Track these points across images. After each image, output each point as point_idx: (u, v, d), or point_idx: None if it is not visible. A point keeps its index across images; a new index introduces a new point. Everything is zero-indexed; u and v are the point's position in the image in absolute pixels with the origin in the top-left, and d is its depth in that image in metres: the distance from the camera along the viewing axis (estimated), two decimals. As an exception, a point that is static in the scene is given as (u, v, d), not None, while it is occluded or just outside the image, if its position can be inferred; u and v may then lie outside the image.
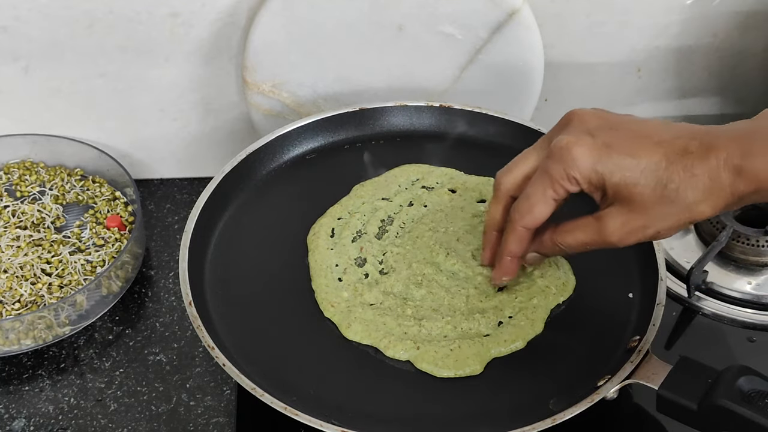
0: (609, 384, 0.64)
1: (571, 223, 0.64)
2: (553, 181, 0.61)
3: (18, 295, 0.79)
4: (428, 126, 0.89)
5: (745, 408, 0.59)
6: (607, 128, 0.60)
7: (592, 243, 0.63)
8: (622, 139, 0.59)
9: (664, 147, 0.58)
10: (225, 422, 0.73)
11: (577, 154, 0.59)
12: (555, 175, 0.60)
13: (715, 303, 0.81)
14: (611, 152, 0.59)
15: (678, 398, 0.62)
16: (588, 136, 0.60)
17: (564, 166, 0.60)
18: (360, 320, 0.71)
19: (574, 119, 0.62)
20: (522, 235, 0.65)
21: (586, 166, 0.59)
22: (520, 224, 0.64)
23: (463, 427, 0.65)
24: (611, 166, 0.59)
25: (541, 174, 0.62)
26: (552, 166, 0.61)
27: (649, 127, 0.60)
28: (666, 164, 0.58)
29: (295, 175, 0.85)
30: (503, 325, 0.71)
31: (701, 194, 0.58)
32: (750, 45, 0.98)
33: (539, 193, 0.62)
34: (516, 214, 0.64)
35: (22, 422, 0.73)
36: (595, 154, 0.59)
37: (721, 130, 0.59)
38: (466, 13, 0.87)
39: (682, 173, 0.57)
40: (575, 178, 0.60)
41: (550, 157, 0.61)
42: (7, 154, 0.92)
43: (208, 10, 0.86)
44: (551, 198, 0.62)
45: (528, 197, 0.63)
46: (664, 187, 0.58)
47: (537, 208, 0.62)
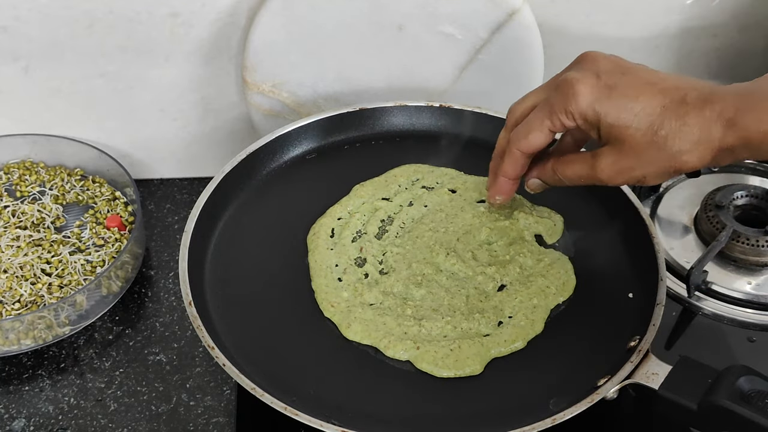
0: (609, 384, 0.64)
1: (571, 155, 0.67)
2: (552, 113, 0.64)
3: (18, 295, 0.79)
4: (428, 126, 0.89)
5: (745, 408, 0.59)
6: (616, 72, 0.63)
7: (586, 177, 0.65)
8: (627, 83, 0.62)
9: (664, 94, 0.60)
10: (225, 422, 0.73)
11: (579, 90, 0.62)
12: (555, 107, 0.63)
13: (715, 303, 0.81)
14: (612, 93, 0.61)
15: (678, 398, 0.62)
16: (594, 76, 0.62)
17: (564, 100, 0.63)
18: (360, 320, 0.71)
19: (587, 59, 0.65)
20: (516, 157, 0.68)
21: (584, 104, 0.62)
22: (516, 146, 0.67)
23: (463, 427, 0.65)
24: (608, 107, 0.61)
25: (543, 104, 0.65)
26: (554, 99, 0.64)
27: (657, 76, 0.62)
28: (661, 111, 0.60)
29: (295, 175, 0.85)
30: (503, 325, 0.71)
31: (689, 144, 0.60)
32: (750, 45, 0.98)
33: (537, 121, 0.65)
34: (514, 137, 0.67)
35: (22, 422, 0.73)
36: (595, 93, 0.62)
37: (723, 87, 0.61)
38: (466, 13, 0.87)
39: (674, 122, 0.60)
40: (572, 113, 0.63)
41: (555, 90, 0.64)
42: (7, 154, 0.92)
43: (208, 10, 0.86)
44: (547, 128, 0.65)
45: (527, 123, 0.66)
46: (654, 133, 0.60)
47: (533, 135, 0.66)
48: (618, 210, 0.78)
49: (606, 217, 0.79)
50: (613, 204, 0.79)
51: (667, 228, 0.87)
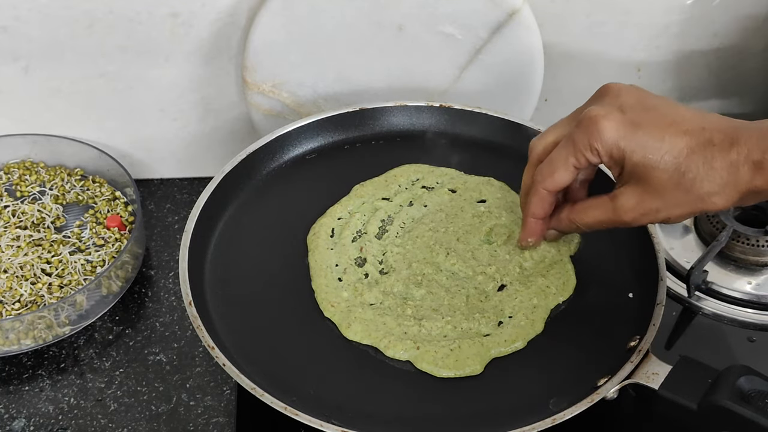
0: (609, 384, 0.64)
1: (587, 201, 0.67)
2: (576, 150, 0.63)
3: (18, 295, 0.79)
4: (428, 126, 0.89)
5: (745, 408, 0.59)
6: (639, 108, 0.62)
7: (607, 221, 0.65)
8: (651, 120, 0.61)
9: (690, 136, 0.60)
10: (225, 422, 0.73)
11: (604, 127, 0.61)
12: (579, 143, 0.62)
13: (715, 303, 0.81)
14: (637, 131, 0.60)
15: (678, 398, 0.62)
16: (618, 112, 0.61)
17: (589, 137, 0.62)
18: (360, 320, 0.71)
19: (610, 93, 0.64)
20: (543, 196, 0.67)
21: (609, 140, 0.61)
22: (541, 186, 0.66)
23: (463, 427, 0.65)
24: (634, 145, 0.60)
25: (567, 141, 0.64)
26: (577, 135, 0.63)
27: (681, 114, 0.62)
28: (687, 153, 0.59)
29: (295, 175, 0.85)
30: (503, 325, 0.71)
31: (717, 187, 0.59)
32: (750, 45, 0.98)
33: (562, 158, 0.64)
34: (539, 176, 0.66)
35: (22, 422, 0.73)
36: (621, 129, 0.61)
37: (748, 126, 0.60)
38: (466, 13, 0.87)
39: (701, 164, 0.59)
40: (597, 149, 0.62)
41: (578, 126, 0.63)
42: (7, 154, 0.92)
43: (208, 10, 0.86)
44: (572, 165, 0.64)
45: (551, 162, 0.65)
46: (682, 175, 0.59)
47: (558, 173, 0.65)
48: (618, 210, 0.78)
49: (606, 217, 0.79)
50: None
51: (667, 228, 0.87)
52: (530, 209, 0.69)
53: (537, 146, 0.68)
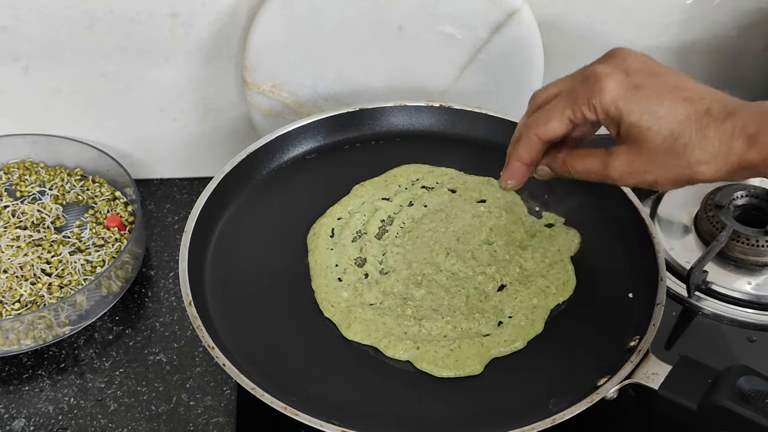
0: (609, 384, 0.64)
1: (585, 150, 0.66)
2: (575, 103, 0.63)
3: (18, 295, 0.79)
4: (428, 126, 0.89)
5: (745, 408, 0.59)
6: (644, 72, 0.62)
7: (597, 174, 0.64)
8: (654, 85, 0.61)
9: (689, 103, 0.60)
10: (225, 422, 0.73)
11: (605, 84, 0.61)
12: (578, 97, 0.62)
13: (715, 303, 0.81)
14: (638, 93, 0.60)
15: (678, 398, 0.62)
16: (622, 73, 0.62)
17: (589, 92, 0.62)
18: (360, 320, 0.71)
19: (618, 55, 0.64)
20: (532, 142, 0.66)
21: (608, 99, 0.61)
22: (534, 131, 0.65)
23: (463, 427, 0.65)
24: (632, 105, 0.60)
25: (567, 93, 0.64)
26: (578, 89, 0.63)
27: (684, 83, 0.62)
28: (683, 118, 0.59)
29: (295, 175, 0.85)
30: (503, 325, 0.71)
31: (708, 155, 0.59)
32: (750, 45, 0.98)
33: (559, 109, 0.64)
34: (533, 122, 0.66)
35: (22, 422, 0.73)
36: (622, 90, 0.61)
37: (748, 103, 0.60)
38: (466, 13, 0.87)
39: (695, 131, 0.59)
40: (595, 106, 0.62)
41: (582, 80, 0.63)
42: (7, 154, 0.92)
43: (208, 10, 0.86)
44: (568, 117, 0.63)
45: (548, 110, 0.65)
46: (674, 140, 0.59)
47: (551, 123, 0.64)
48: (618, 210, 0.78)
49: (606, 217, 0.79)
50: (613, 204, 0.79)
51: (667, 228, 0.87)
52: (518, 152, 0.68)
53: (538, 96, 0.68)
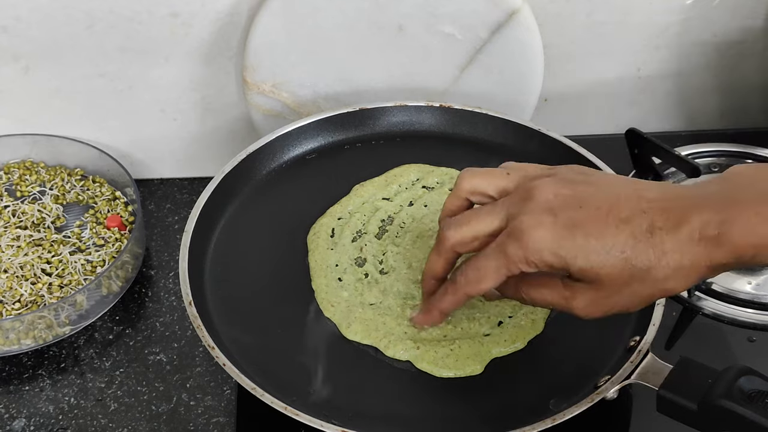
0: (609, 384, 0.64)
1: (540, 279, 0.61)
2: (509, 262, 0.58)
3: (18, 295, 0.79)
4: (428, 126, 0.89)
5: (746, 408, 0.59)
6: (571, 206, 0.57)
7: (558, 306, 0.61)
8: (586, 218, 0.56)
9: (631, 225, 0.55)
10: (225, 422, 0.73)
11: (537, 238, 0.56)
12: (512, 256, 0.57)
13: (715, 303, 0.81)
14: (574, 234, 0.56)
15: (678, 398, 0.62)
16: (549, 216, 0.57)
17: (522, 250, 0.57)
18: (360, 320, 0.71)
19: (537, 194, 0.58)
20: (460, 299, 0.63)
21: (545, 251, 0.56)
22: (464, 291, 0.61)
23: (463, 427, 0.65)
24: (574, 250, 0.56)
25: (497, 251, 0.58)
26: (509, 247, 0.58)
27: (616, 196, 0.57)
28: (633, 243, 0.55)
29: (295, 175, 0.85)
30: (503, 325, 0.71)
31: (672, 271, 0.55)
32: (750, 45, 0.98)
33: (492, 268, 0.59)
34: (462, 278, 0.61)
35: (22, 422, 0.73)
36: (556, 237, 0.56)
37: (695, 197, 0.56)
38: (466, 13, 0.87)
39: (651, 252, 0.55)
40: (533, 262, 0.57)
41: (509, 237, 0.58)
42: (7, 154, 0.92)
43: (208, 10, 0.86)
44: (504, 275, 0.59)
45: (478, 269, 0.60)
46: (632, 267, 0.55)
47: (485, 282, 0.60)
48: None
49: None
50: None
51: (667, 228, 0.86)
52: (442, 305, 0.64)
53: (451, 236, 0.62)
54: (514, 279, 0.60)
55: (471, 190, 0.64)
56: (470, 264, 0.61)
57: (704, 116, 1.03)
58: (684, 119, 1.03)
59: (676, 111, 1.02)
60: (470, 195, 0.64)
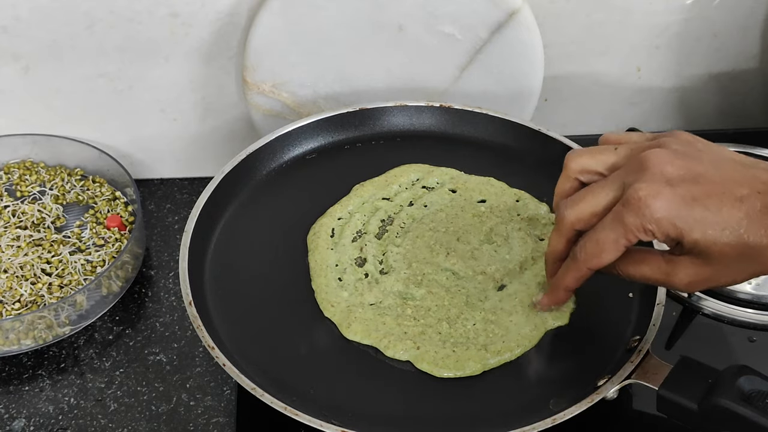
0: (609, 384, 0.64)
1: (639, 254, 0.62)
2: (627, 231, 0.58)
3: (18, 295, 0.79)
4: (428, 126, 0.89)
5: (746, 408, 0.59)
6: (687, 179, 0.58)
7: (656, 281, 0.62)
8: (704, 192, 0.57)
9: (746, 203, 0.57)
10: (225, 422, 0.73)
11: (656, 207, 0.57)
12: (630, 225, 0.58)
13: (715, 303, 0.81)
14: (692, 207, 0.57)
15: (678, 398, 0.62)
16: (667, 187, 0.57)
17: (641, 219, 0.57)
18: (360, 320, 0.71)
19: (652, 164, 0.59)
20: (585, 275, 0.63)
21: (664, 220, 0.57)
22: (586, 266, 0.62)
23: (463, 427, 0.65)
24: (691, 222, 0.57)
25: (615, 222, 0.59)
26: (627, 217, 0.58)
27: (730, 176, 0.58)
28: (747, 222, 0.56)
29: (295, 175, 0.85)
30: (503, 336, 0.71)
31: None
32: (750, 45, 0.98)
33: (611, 240, 0.59)
34: (583, 254, 0.61)
35: (22, 422, 0.73)
36: (674, 208, 0.57)
37: None
38: (466, 13, 0.87)
39: (763, 231, 0.56)
40: (651, 230, 0.58)
41: (626, 206, 0.58)
42: (7, 154, 0.92)
43: (208, 10, 0.86)
44: (623, 245, 0.60)
45: (598, 242, 0.60)
46: (745, 245, 0.56)
47: (606, 254, 0.60)
48: (618, 210, 0.78)
49: (606, 217, 0.79)
50: (613, 204, 0.79)
51: (667, 228, 0.86)
52: (565, 282, 0.64)
53: (569, 215, 0.62)
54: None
55: (580, 169, 0.64)
56: (589, 238, 0.61)
57: (704, 116, 1.03)
58: (684, 119, 1.03)
59: (676, 111, 1.02)
60: (580, 175, 0.64)
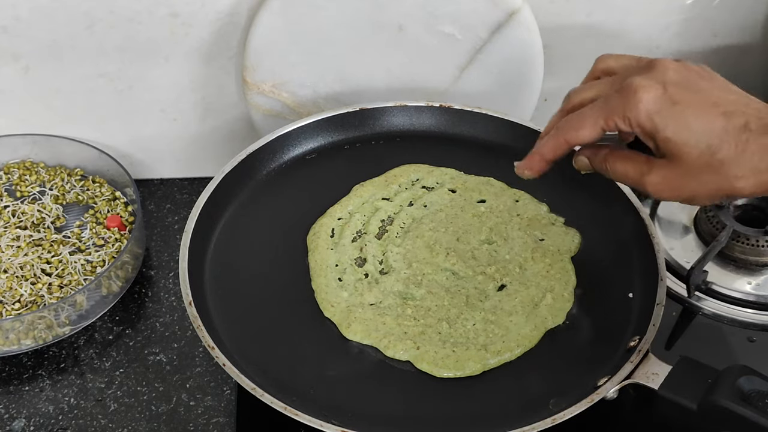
0: (609, 384, 0.64)
1: (628, 153, 0.64)
2: (609, 113, 0.61)
3: (18, 295, 0.79)
4: (428, 126, 0.89)
5: (745, 408, 0.59)
6: (684, 86, 0.60)
7: (632, 181, 0.63)
8: (691, 100, 0.59)
9: (727, 117, 0.58)
10: (225, 422, 0.73)
11: (641, 97, 0.60)
12: (613, 108, 0.61)
13: (715, 303, 0.81)
14: (674, 107, 0.59)
15: (678, 398, 0.62)
16: (660, 86, 0.60)
17: (624, 105, 0.60)
18: (360, 320, 0.71)
19: (658, 67, 0.62)
20: (560, 144, 0.65)
21: (644, 112, 0.60)
22: (563, 136, 0.64)
23: (463, 427, 0.65)
24: (667, 120, 0.59)
25: (603, 102, 0.62)
26: (614, 100, 0.61)
27: (725, 97, 0.60)
28: (721, 133, 0.58)
29: (295, 175, 0.85)
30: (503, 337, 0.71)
31: (746, 170, 0.58)
32: (750, 45, 0.98)
33: (592, 117, 0.62)
34: (564, 124, 0.64)
35: (22, 422, 0.73)
36: (658, 103, 0.59)
37: None
38: (466, 13, 0.87)
39: (734, 146, 0.58)
40: (629, 119, 0.60)
41: (618, 91, 0.61)
42: (7, 154, 0.92)
43: (208, 10, 0.86)
44: (601, 127, 0.62)
45: (581, 116, 0.63)
46: (712, 155, 0.58)
47: (584, 130, 0.63)
48: (618, 210, 0.78)
49: (606, 217, 0.79)
50: (613, 204, 0.79)
51: (667, 228, 0.87)
52: (543, 149, 0.66)
53: (574, 97, 0.66)
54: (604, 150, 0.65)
55: (603, 69, 0.67)
56: (575, 113, 0.64)
57: (704, 116, 1.03)
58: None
59: (676, 111, 1.02)
60: (602, 74, 0.67)
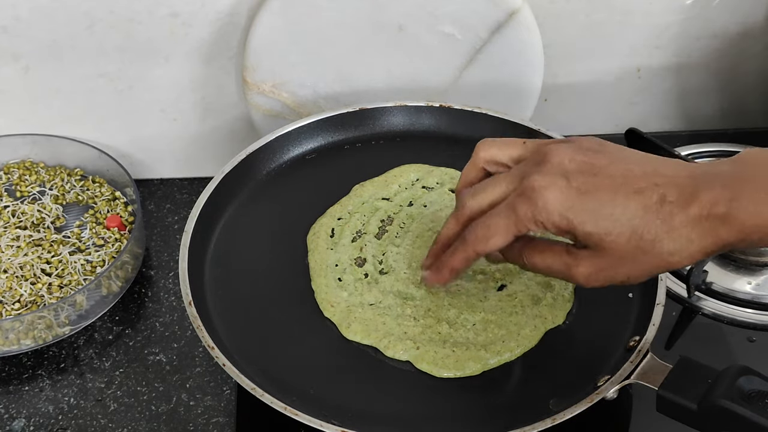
0: (609, 384, 0.64)
1: (545, 244, 0.62)
2: (518, 220, 0.59)
3: (18, 295, 0.79)
4: (428, 126, 0.89)
5: (745, 408, 0.59)
6: (585, 173, 0.58)
7: (559, 274, 0.61)
8: (599, 185, 0.57)
9: (643, 194, 0.56)
10: (225, 422, 0.73)
11: (548, 198, 0.57)
12: (521, 214, 0.58)
13: (715, 303, 0.81)
14: (585, 199, 0.57)
15: (678, 398, 0.62)
16: (563, 179, 0.58)
17: (532, 209, 0.58)
18: (360, 320, 0.71)
19: (552, 158, 0.59)
20: (470, 256, 0.63)
21: (555, 212, 0.57)
22: (474, 248, 0.62)
23: (463, 427, 0.65)
24: (583, 215, 0.57)
25: (507, 209, 0.60)
26: (519, 205, 0.59)
27: (631, 170, 0.58)
28: (642, 213, 0.56)
29: (295, 175, 0.85)
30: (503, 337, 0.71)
31: (679, 245, 0.56)
32: (750, 45, 0.98)
33: (501, 226, 0.60)
34: (472, 236, 0.62)
35: (22, 422, 0.73)
36: (566, 200, 0.57)
37: (707, 174, 0.57)
38: (466, 13, 0.87)
39: (659, 224, 0.56)
40: (542, 222, 0.58)
41: (520, 196, 0.59)
42: (7, 154, 0.92)
43: (208, 10, 0.86)
44: (513, 234, 0.60)
45: (488, 226, 0.61)
46: (639, 238, 0.56)
47: (494, 240, 0.60)
48: (618, 210, 0.78)
49: (606, 217, 0.79)
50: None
51: (667, 228, 0.86)
52: (452, 261, 0.64)
53: (471, 203, 0.63)
54: (518, 243, 0.62)
55: (487, 159, 0.65)
56: (480, 222, 0.61)
57: (704, 116, 1.03)
58: (684, 119, 1.03)
59: (676, 111, 1.02)
60: (487, 164, 0.65)
